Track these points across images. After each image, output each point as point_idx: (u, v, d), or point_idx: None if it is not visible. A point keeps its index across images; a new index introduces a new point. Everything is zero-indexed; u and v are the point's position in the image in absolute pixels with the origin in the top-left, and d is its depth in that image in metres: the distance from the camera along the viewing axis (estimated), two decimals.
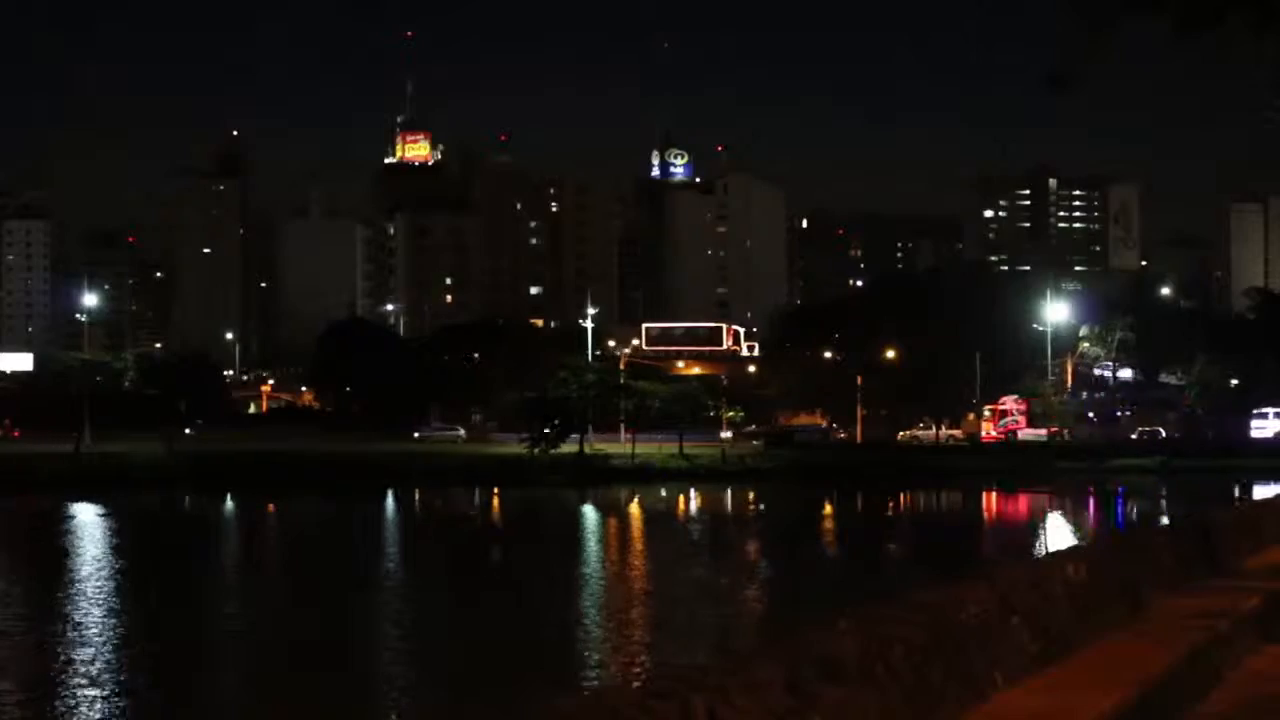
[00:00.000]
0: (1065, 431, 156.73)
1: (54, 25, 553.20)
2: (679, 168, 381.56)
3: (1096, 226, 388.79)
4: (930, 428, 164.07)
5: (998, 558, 62.61)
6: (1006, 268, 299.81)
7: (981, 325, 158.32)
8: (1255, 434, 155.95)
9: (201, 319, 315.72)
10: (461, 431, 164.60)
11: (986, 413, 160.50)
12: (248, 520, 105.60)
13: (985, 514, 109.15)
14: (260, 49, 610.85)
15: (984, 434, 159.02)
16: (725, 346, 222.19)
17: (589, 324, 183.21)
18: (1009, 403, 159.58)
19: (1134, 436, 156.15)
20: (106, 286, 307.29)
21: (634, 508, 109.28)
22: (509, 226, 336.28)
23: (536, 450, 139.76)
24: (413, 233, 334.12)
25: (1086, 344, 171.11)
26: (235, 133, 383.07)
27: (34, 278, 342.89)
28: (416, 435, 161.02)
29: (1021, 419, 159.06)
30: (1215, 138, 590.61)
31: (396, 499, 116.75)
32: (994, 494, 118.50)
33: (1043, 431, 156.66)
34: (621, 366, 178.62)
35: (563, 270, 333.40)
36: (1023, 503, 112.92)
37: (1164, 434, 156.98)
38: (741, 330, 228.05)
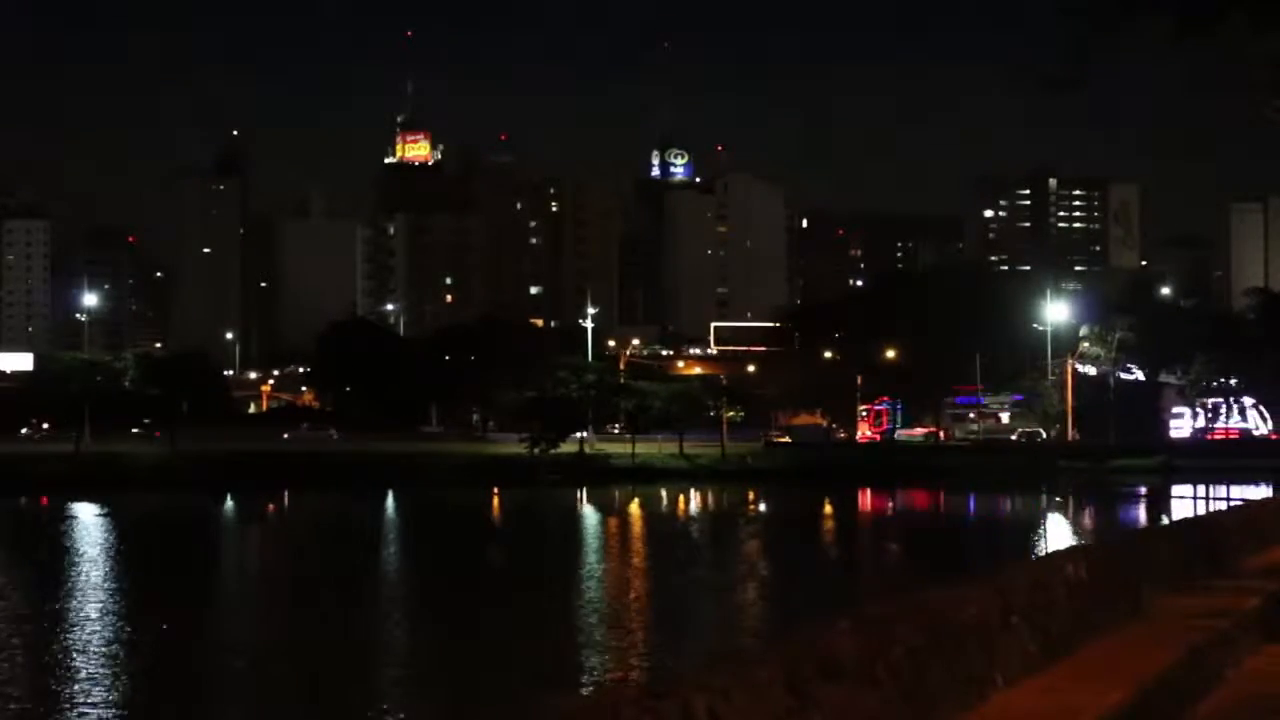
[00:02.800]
0: (942, 432, 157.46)
1: (54, 24, 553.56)
2: (679, 168, 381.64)
3: (1096, 226, 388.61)
4: (930, 427, 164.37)
5: (996, 557, 62.56)
6: (1006, 268, 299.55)
7: (981, 325, 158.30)
8: (1174, 433, 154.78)
9: (201, 319, 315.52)
10: (333, 433, 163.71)
11: (862, 413, 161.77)
12: (246, 520, 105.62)
13: (984, 514, 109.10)
14: (260, 48, 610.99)
15: (860, 434, 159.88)
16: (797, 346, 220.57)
17: (589, 324, 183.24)
18: (885, 403, 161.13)
19: (1013, 437, 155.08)
20: (106, 286, 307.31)
21: (634, 507, 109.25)
22: (509, 226, 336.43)
23: (537, 450, 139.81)
24: (413, 233, 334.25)
25: (1086, 344, 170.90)
26: (235, 133, 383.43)
27: (34, 278, 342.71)
28: (286, 436, 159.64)
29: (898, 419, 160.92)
30: (1215, 138, 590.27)
31: (396, 499, 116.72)
32: (993, 494, 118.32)
33: (919, 431, 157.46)
34: (621, 366, 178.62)
35: (563, 270, 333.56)
36: (1020, 503, 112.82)
37: (1044, 435, 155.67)
38: None
